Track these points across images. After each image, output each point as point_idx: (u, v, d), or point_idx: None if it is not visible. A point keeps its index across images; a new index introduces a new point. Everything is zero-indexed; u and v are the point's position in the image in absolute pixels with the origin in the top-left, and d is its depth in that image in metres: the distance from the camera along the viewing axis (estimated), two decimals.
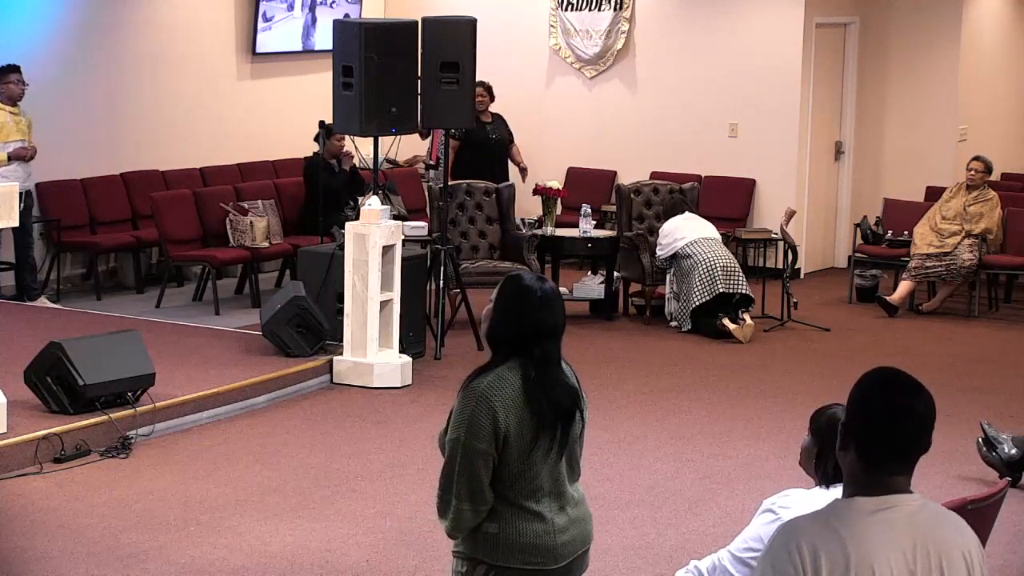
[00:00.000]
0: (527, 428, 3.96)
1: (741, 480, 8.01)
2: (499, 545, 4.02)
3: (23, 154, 11.57)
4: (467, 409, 3.96)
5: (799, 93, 14.07)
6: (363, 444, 8.56)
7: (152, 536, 6.90)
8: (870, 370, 3.00)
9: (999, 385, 10.31)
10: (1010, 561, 6.81)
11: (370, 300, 9.73)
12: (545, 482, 4.03)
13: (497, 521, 4.01)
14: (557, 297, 4.12)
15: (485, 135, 13.29)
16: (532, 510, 4.02)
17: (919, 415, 2.93)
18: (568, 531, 4.08)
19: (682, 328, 11.70)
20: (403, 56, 10.33)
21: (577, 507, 4.14)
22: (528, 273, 4.21)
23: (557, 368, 4.06)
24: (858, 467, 2.93)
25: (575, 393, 4.09)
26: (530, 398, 3.97)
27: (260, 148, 14.41)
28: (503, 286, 4.13)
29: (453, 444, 3.97)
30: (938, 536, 2.92)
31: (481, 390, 3.96)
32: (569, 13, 14.96)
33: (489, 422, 3.93)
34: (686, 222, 11.91)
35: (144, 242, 12.91)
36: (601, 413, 9.29)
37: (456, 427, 3.97)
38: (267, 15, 14.31)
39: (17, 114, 11.62)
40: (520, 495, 4.01)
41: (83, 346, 8.40)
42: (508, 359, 4.02)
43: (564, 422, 4.03)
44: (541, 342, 4.02)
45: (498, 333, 4.07)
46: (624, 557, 6.76)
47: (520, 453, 3.97)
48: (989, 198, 12.75)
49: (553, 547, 4.04)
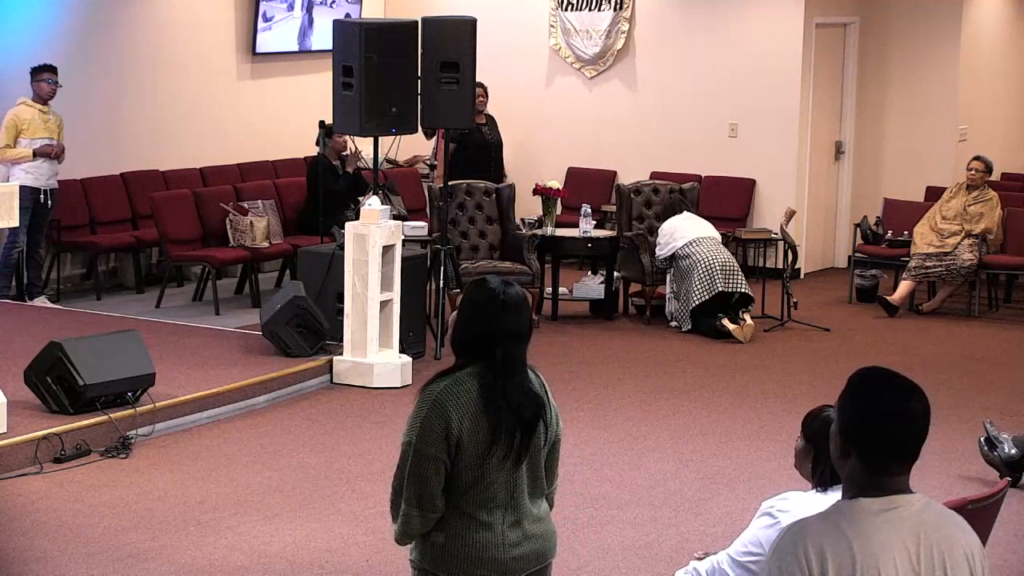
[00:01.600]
0: (482, 435, 3.87)
1: (741, 480, 8.01)
2: (445, 555, 3.94)
3: (48, 151, 11.64)
4: (421, 413, 3.88)
5: (799, 93, 14.07)
6: (363, 444, 8.56)
7: (152, 536, 6.90)
8: (858, 373, 2.97)
9: (999, 385, 10.31)
10: (1010, 561, 6.81)
11: (370, 300, 9.73)
12: (499, 493, 3.93)
13: (445, 530, 3.94)
14: (523, 302, 4.02)
15: (481, 136, 13.31)
16: (482, 520, 3.92)
17: (917, 415, 2.92)
18: (521, 546, 3.97)
19: (682, 328, 11.70)
20: (403, 56, 10.33)
21: (536, 523, 4.02)
22: (494, 278, 4.09)
23: (520, 375, 3.96)
24: (860, 471, 2.92)
25: (539, 402, 3.98)
26: (488, 404, 3.88)
27: (260, 148, 14.40)
28: (467, 290, 4.06)
29: (405, 447, 3.90)
30: (942, 536, 2.92)
31: (436, 394, 3.88)
32: (569, 13, 14.96)
33: (442, 427, 3.85)
34: (684, 222, 11.91)
35: (144, 242, 12.90)
36: (601, 413, 9.30)
37: (409, 430, 3.90)
38: (267, 15, 14.30)
39: (47, 112, 11.69)
40: (471, 504, 3.92)
41: (83, 346, 8.40)
42: (470, 364, 3.94)
43: (524, 431, 3.92)
44: (504, 347, 3.92)
45: (460, 337, 3.99)
46: (624, 557, 6.76)
47: (474, 461, 3.88)
48: (989, 198, 12.75)
49: (502, 561, 3.94)
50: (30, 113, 11.61)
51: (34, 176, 11.49)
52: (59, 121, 11.79)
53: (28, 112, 11.61)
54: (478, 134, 13.21)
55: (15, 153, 11.53)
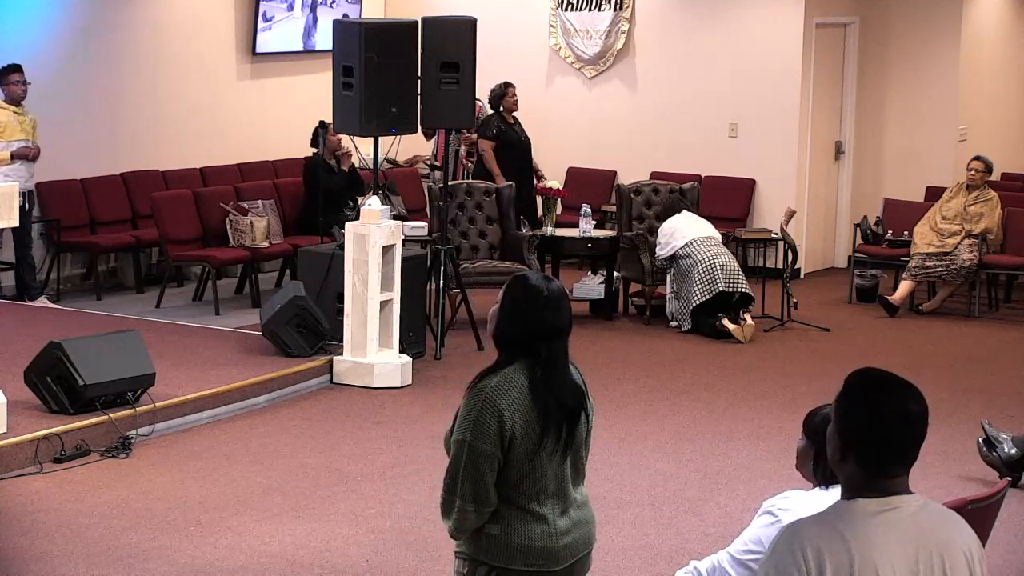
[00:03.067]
0: (533, 429, 3.96)
1: (741, 480, 8.01)
2: (501, 546, 4.01)
3: (26, 153, 11.59)
4: (473, 410, 3.95)
5: (799, 93, 14.07)
6: (363, 444, 8.56)
7: (152, 536, 6.90)
8: (854, 374, 2.96)
9: (999, 385, 10.31)
10: (1010, 561, 6.81)
11: (370, 300, 9.73)
12: (549, 484, 4.02)
13: (499, 523, 4.01)
14: (564, 297, 4.11)
15: (517, 136, 13.34)
16: (535, 512, 4.01)
17: (916, 416, 2.92)
18: (570, 533, 4.07)
19: (682, 328, 11.70)
20: (403, 56, 10.33)
21: (580, 509, 4.13)
22: (534, 273, 4.19)
23: (564, 368, 4.05)
24: (858, 473, 2.92)
25: (581, 394, 4.08)
26: (536, 399, 3.96)
27: (260, 148, 14.41)
28: (509, 286, 4.12)
29: (459, 445, 3.96)
30: (940, 536, 2.92)
31: (488, 391, 3.95)
32: (569, 13, 14.96)
33: (495, 423, 3.92)
34: (684, 222, 11.91)
35: (144, 242, 12.91)
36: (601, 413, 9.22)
37: (462, 428, 3.96)
38: (267, 15, 14.31)
39: (21, 114, 11.64)
40: (524, 497, 4.00)
41: (83, 346, 8.40)
42: (514, 360, 4.01)
43: (569, 423, 4.02)
44: (548, 342, 4.01)
45: (504, 333, 4.06)
46: (624, 557, 6.76)
47: (525, 454, 3.96)
48: (989, 198, 12.75)
49: (555, 549, 4.04)
50: (5, 116, 11.54)
51: (12, 179, 11.37)
52: (33, 121, 11.70)
53: (2, 115, 11.53)
54: (514, 133, 13.27)
55: None
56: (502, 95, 13.30)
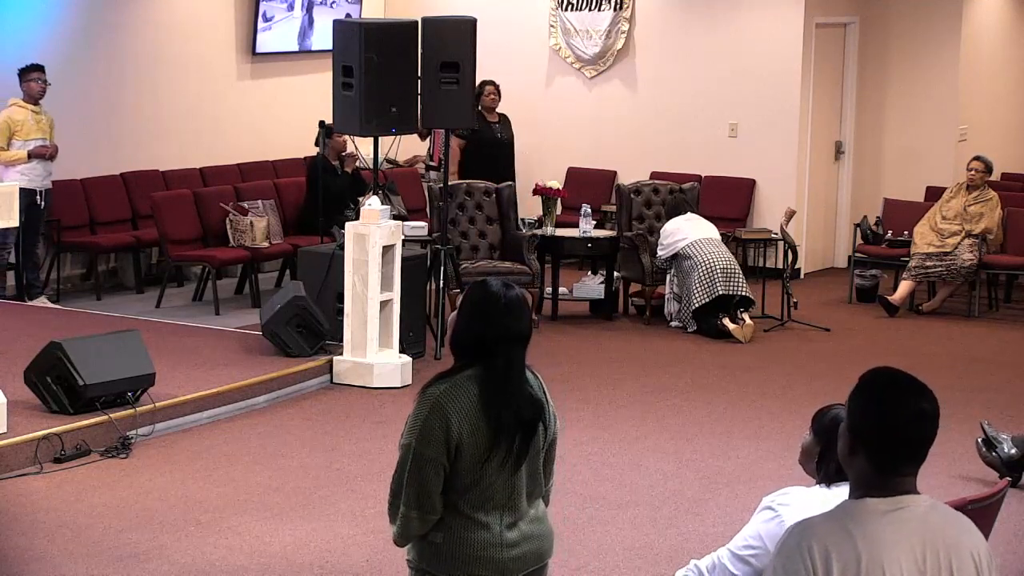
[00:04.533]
0: (482, 438, 3.88)
1: (741, 480, 8.00)
2: (444, 555, 3.95)
3: (43, 152, 11.63)
4: (420, 415, 3.89)
5: (799, 93, 14.07)
6: (363, 444, 8.56)
7: (152, 536, 6.90)
8: (868, 372, 2.98)
9: (999, 385, 10.31)
10: (1010, 561, 6.82)
11: (370, 300, 9.73)
12: (498, 494, 3.94)
13: (443, 531, 3.94)
14: (523, 305, 4.02)
15: (492, 134, 13.33)
16: (480, 521, 3.93)
17: (929, 416, 2.92)
18: (519, 546, 3.99)
19: (687, 329, 11.69)
20: (403, 56, 10.33)
21: (533, 524, 4.04)
22: (495, 279, 4.08)
23: (520, 377, 3.97)
24: (868, 471, 2.92)
25: (539, 405, 3.99)
26: (487, 407, 3.88)
27: (260, 148, 14.41)
28: (467, 292, 4.05)
29: (404, 450, 3.91)
30: (948, 537, 2.92)
31: (436, 397, 3.89)
32: (569, 13, 14.96)
33: (441, 430, 3.85)
34: (687, 223, 11.91)
35: (144, 242, 12.91)
36: (601, 413, 9.30)
37: (408, 433, 3.90)
38: (267, 15, 14.31)
39: (39, 113, 11.67)
40: (469, 506, 3.93)
41: (83, 346, 8.40)
42: (469, 366, 3.94)
43: (524, 434, 3.93)
44: (505, 349, 3.93)
45: (460, 339, 3.98)
46: (624, 557, 6.76)
47: (473, 463, 3.88)
48: (989, 198, 12.75)
49: (500, 561, 3.96)
50: (23, 114, 11.59)
51: (29, 178, 11.44)
52: (51, 121, 11.76)
53: (21, 113, 11.59)
54: (489, 132, 13.24)
55: (10, 155, 11.51)
56: (479, 93, 13.26)
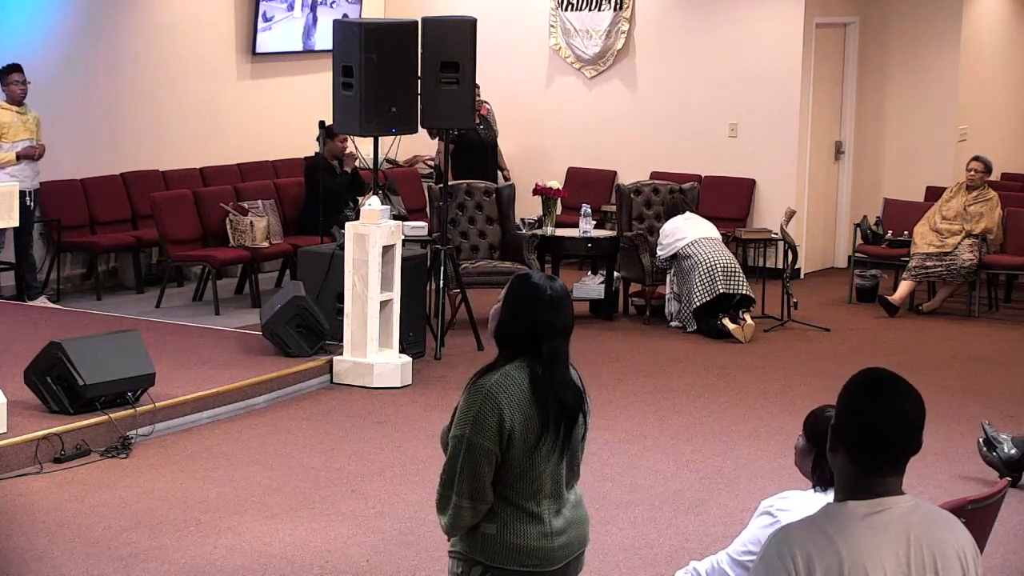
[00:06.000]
0: (532, 427, 3.96)
1: (741, 480, 8.01)
2: (496, 546, 4.01)
3: (31, 153, 11.60)
4: (473, 406, 3.95)
5: (799, 93, 14.07)
6: (363, 444, 8.56)
7: (152, 536, 6.90)
8: (858, 372, 2.99)
9: (999, 385, 10.30)
10: (1010, 561, 6.81)
11: (370, 300, 9.73)
12: (546, 483, 4.02)
13: (495, 522, 4.01)
14: (566, 296, 4.11)
15: (477, 136, 13.35)
16: (530, 511, 4.01)
17: (909, 418, 2.92)
18: (565, 533, 4.08)
19: (687, 329, 11.70)
20: (403, 56, 10.33)
21: (574, 509, 4.13)
22: (537, 272, 4.20)
23: (565, 368, 4.05)
24: (849, 470, 2.92)
25: (580, 394, 4.08)
26: (537, 397, 3.96)
27: (260, 148, 14.41)
28: (512, 284, 4.12)
29: (457, 441, 3.96)
30: (932, 537, 2.91)
31: (488, 388, 3.95)
32: (569, 13, 14.96)
33: (495, 420, 3.92)
34: (687, 222, 11.91)
35: (144, 242, 12.91)
36: (601, 413, 9.28)
37: (461, 424, 3.96)
38: (267, 15, 14.31)
39: (24, 113, 11.64)
40: (520, 496, 4.00)
41: (83, 346, 8.39)
42: (515, 358, 4.01)
43: (568, 423, 4.02)
44: (550, 341, 4.01)
45: (506, 331, 4.06)
46: (624, 557, 6.76)
47: (523, 453, 3.96)
48: (989, 198, 12.75)
49: (549, 549, 4.04)
50: (8, 116, 11.55)
51: (18, 179, 11.29)
52: (37, 119, 11.71)
53: (6, 115, 11.55)
54: (473, 133, 13.24)
55: None
56: None
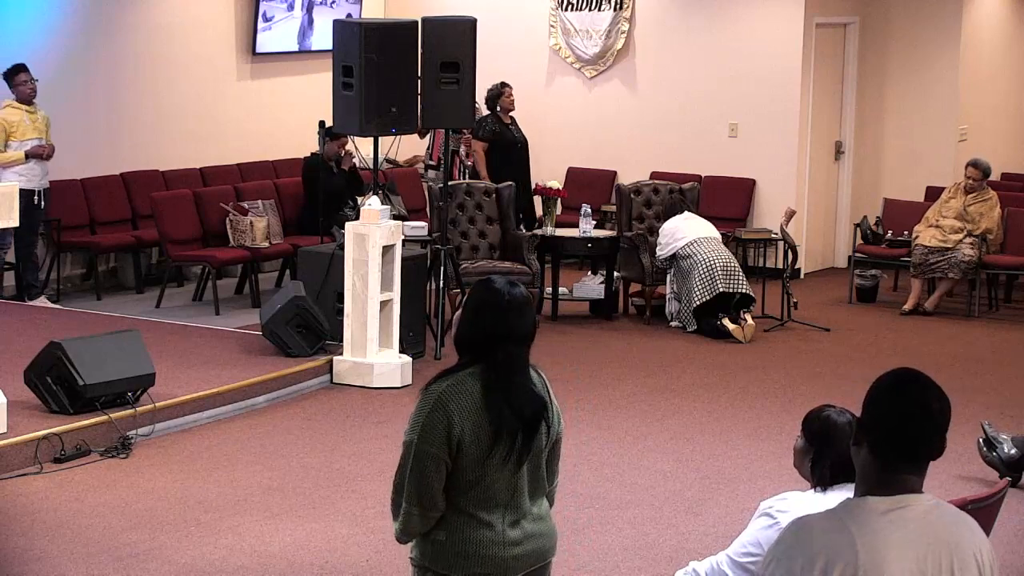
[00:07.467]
0: (484, 435, 3.88)
1: (741, 480, 8.01)
2: (446, 553, 3.95)
3: (40, 152, 11.61)
4: (422, 412, 3.89)
5: (799, 93, 14.07)
6: (363, 444, 8.56)
7: (152, 536, 6.90)
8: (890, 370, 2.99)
9: (999, 385, 10.31)
10: (1010, 561, 6.82)
11: (370, 300, 9.73)
12: (500, 492, 3.94)
13: (446, 529, 3.94)
14: (527, 303, 4.02)
15: (512, 137, 13.34)
16: (482, 519, 3.93)
17: (934, 415, 2.92)
18: (521, 545, 3.99)
19: (687, 328, 11.69)
20: (403, 56, 10.32)
21: (536, 522, 4.03)
22: (499, 278, 4.08)
23: (523, 375, 3.96)
24: (871, 465, 2.92)
25: (541, 403, 3.98)
26: (489, 405, 3.88)
27: (260, 148, 14.41)
28: (473, 289, 4.05)
29: (406, 447, 3.91)
30: (950, 537, 2.91)
31: (438, 394, 3.89)
32: (569, 13, 14.96)
33: (443, 427, 3.85)
34: (686, 222, 11.91)
35: (144, 242, 12.91)
36: (601, 413, 9.30)
37: (410, 430, 3.91)
38: (267, 15, 14.31)
39: (33, 112, 11.65)
40: (472, 504, 3.93)
41: (83, 346, 8.39)
42: (472, 364, 3.94)
43: (526, 432, 3.93)
44: (507, 347, 3.92)
45: (464, 336, 3.98)
46: (624, 557, 6.76)
47: (475, 461, 3.88)
48: (988, 197, 12.75)
49: (502, 559, 3.96)
50: (17, 115, 11.56)
51: (27, 178, 11.40)
52: (46, 119, 11.73)
53: (15, 114, 11.56)
54: (510, 134, 13.27)
55: (7, 157, 11.47)
56: (498, 95, 13.31)
